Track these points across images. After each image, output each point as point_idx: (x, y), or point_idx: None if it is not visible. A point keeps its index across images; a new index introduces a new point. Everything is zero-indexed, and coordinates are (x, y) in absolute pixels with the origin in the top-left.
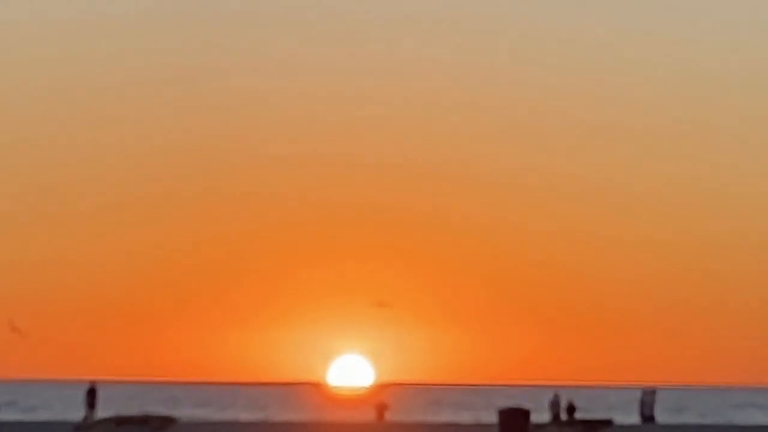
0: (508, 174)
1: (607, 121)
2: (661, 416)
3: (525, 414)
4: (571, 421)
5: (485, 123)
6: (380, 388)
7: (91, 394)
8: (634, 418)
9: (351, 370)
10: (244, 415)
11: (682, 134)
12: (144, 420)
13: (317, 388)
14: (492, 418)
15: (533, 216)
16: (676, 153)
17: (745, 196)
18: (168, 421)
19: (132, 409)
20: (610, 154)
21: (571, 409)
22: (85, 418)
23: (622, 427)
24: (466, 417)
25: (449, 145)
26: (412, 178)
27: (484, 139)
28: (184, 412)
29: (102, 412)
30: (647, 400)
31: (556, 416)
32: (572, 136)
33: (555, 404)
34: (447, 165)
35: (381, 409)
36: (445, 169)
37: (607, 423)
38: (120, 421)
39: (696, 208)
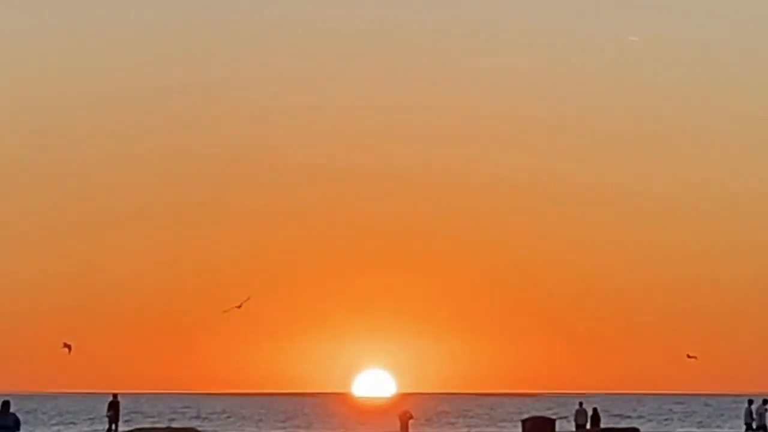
0: (532, 183)
1: (625, 127)
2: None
3: (550, 423)
4: (597, 430)
5: (507, 132)
6: (404, 398)
7: (114, 406)
8: (661, 427)
9: (375, 383)
10: (270, 426)
11: (703, 139)
12: None
13: (343, 398)
14: (516, 427)
15: (555, 225)
16: (699, 158)
17: None
18: None
19: (157, 421)
20: (635, 161)
21: (596, 417)
22: (108, 430)
23: None
24: (490, 427)
25: (472, 157)
26: (437, 191)
27: (506, 149)
28: (209, 424)
29: (127, 425)
30: (760, 409)
31: (581, 425)
32: (592, 142)
33: (580, 413)
34: (469, 176)
35: (405, 418)
36: (468, 181)
37: (633, 431)
38: None
39: (725, 214)
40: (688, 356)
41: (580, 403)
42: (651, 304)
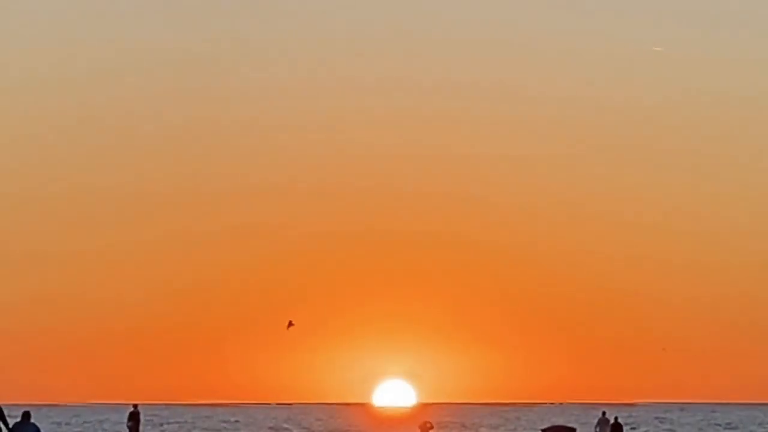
0: (547, 197)
1: (649, 137)
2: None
3: None
4: None
5: (526, 144)
6: (424, 407)
7: (134, 417)
8: None
9: (395, 393)
10: None
11: (729, 150)
12: None
13: (364, 408)
14: None
15: (572, 237)
16: (724, 169)
17: None
18: None
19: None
20: (658, 171)
21: (617, 427)
22: None
23: None
24: None
25: (489, 170)
26: (458, 206)
27: (525, 161)
28: None
29: None
30: None
31: None
32: (614, 152)
33: (603, 422)
34: (486, 190)
35: (425, 428)
36: (485, 194)
37: None
38: None
39: (748, 226)
40: (663, 349)
41: (603, 413)
42: (671, 315)
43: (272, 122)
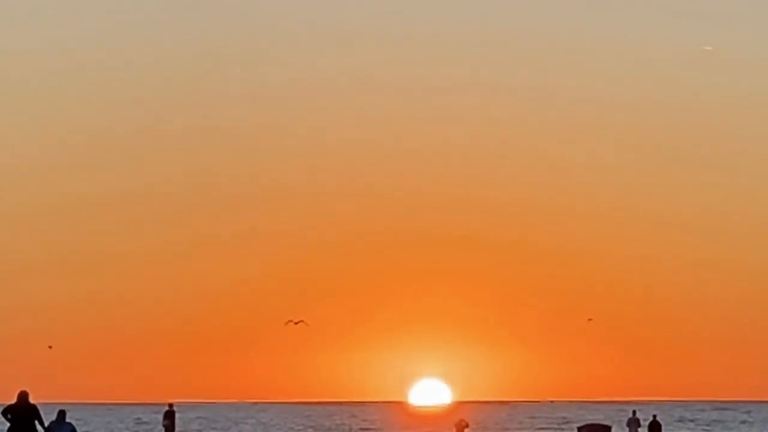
0: (588, 197)
1: (699, 137)
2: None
3: (605, 430)
4: None
5: (572, 144)
6: (460, 406)
7: (170, 416)
8: None
9: (431, 391)
10: None
11: (755, 156)
12: None
13: (400, 407)
14: None
15: (607, 238)
16: (739, 173)
17: None
18: None
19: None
20: (697, 177)
21: (656, 426)
22: None
23: None
24: None
25: (524, 169)
26: (489, 205)
27: (561, 163)
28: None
29: None
30: None
31: None
32: (655, 158)
33: (633, 421)
34: (521, 190)
35: (461, 426)
36: (520, 195)
37: None
38: None
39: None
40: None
41: (634, 412)
42: (708, 314)
43: (296, 124)
